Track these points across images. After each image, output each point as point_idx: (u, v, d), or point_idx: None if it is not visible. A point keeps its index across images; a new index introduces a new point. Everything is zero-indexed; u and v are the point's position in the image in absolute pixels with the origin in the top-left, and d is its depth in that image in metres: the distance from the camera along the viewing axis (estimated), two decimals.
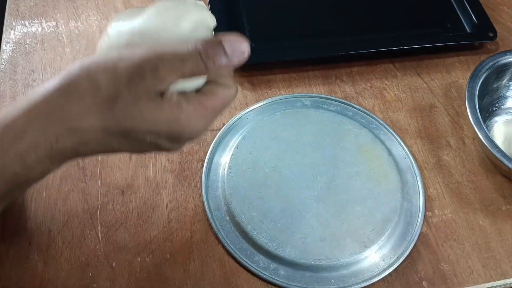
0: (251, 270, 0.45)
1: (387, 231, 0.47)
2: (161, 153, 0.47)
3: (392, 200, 0.49)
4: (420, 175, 0.51)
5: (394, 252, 0.46)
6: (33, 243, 0.45)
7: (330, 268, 0.45)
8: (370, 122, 0.55)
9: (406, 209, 0.49)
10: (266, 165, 0.50)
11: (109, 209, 0.47)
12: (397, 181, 0.50)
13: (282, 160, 0.51)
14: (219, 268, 0.45)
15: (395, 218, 0.48)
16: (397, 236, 0.47)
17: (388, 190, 0.49)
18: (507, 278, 0.46)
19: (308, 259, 0.45)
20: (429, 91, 0.59)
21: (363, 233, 0.47)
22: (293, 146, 0.52)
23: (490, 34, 0.62)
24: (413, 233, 0.47)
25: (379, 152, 0.52)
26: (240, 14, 0.63)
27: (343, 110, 0.56)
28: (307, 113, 0.55)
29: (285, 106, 0.56)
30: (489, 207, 0.50)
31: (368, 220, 0.47)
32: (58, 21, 0.63)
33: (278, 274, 0.45)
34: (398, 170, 0.51)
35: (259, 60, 0.59)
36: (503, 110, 0.57)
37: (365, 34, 0.63)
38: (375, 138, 0.53)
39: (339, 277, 0.45)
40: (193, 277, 0.44)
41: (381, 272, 0.45)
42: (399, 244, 0.47)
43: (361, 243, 0.46)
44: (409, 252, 0.46)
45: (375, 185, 0.50)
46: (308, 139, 0.52)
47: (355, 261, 0.45)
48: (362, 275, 0.45)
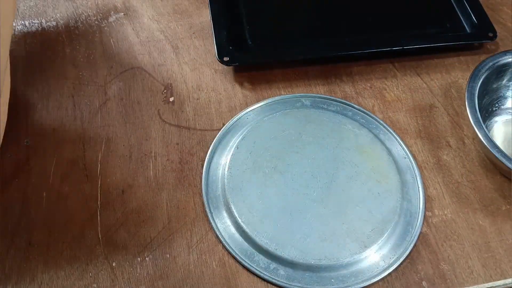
0: (251, 270, 0.45)
1: (387, 231, 0.47)
2: None
3: (392, 200, 0.49)
4: (420, 175, 0.51)
5: (394, 252, 0.46)
6: (33, 243, 0.45)
7: (330, 268, 0.45)
8: (370, 122, 0.55)
9: (405, 209, 0.49)
10: (266, 165, 0.50)
11: (109, 209, 0.48)
12: (397, 181, 0.50)
13: (282, 160, 0.51)
14: (219, 268, 0.45)
15: (395, 218, 0.48)
16: (397, 236, 0.47)
17: (388, 190, 0.49)
18: (507, 278, 0.46)
19: (308, 259, 0.45)
20: (428, 91, 0.59)
21: (363, 233, 0.47)
22: (293, 146, 0.52)
23: (490, 34, 0.62)
24: (413, 233, 0.48)
25: (379, 152, 0.52)
26: (240, 14, 0.63)
27: (342, 110, 0.56)
28: (307, 113, 0.55)
29: (285, 106, 0.56)
30: (489, 207, 0.50)
31: (368, 220, 0.47)
32: (58, 21, 0.63)
33: (278, 274, 0.45)
34: (398, 170, 0.51)
35: (259, 60, 0.60)
36: (503, 110, 0.57)
37: (365, 34, 0.63)
38: (375, 138, 0.53)
39: (339, 277, 0.45)
40: (193, 277, 0.44)
41: (381, 272, 0.45)
42: (399, 244, 0.47)
43: (361, 243, 0.46)
44: (409, 252, 0.46)
45: (375, 185, 0.50)
46: (308, 139, 0.53)
47: (355, 261, 0.45)
48: (362, 275, 0.45)
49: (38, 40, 0.61)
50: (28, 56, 0.59)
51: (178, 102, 0.56)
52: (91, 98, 0.56)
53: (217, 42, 0.58)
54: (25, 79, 0.57)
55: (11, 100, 0.50)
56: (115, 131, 0.53)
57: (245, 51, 0.59)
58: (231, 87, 0.58)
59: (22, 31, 0.62)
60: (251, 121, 0.54)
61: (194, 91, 0.57)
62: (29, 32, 0.61)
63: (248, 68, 0.59)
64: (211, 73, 0.59)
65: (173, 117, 0.55)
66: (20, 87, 0.56)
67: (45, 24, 0.63)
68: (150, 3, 0.66)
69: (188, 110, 0.55)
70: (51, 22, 0.63)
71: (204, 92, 0.57)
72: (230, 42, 0.58)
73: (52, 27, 0.62)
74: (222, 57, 0.57)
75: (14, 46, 0.60)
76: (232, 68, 0.59)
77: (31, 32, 0.61)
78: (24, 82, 0.56)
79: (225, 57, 0.57)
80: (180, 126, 0.54)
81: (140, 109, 0.55)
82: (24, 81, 0.56)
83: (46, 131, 0.53)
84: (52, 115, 0.54)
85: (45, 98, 0.55)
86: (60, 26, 0.62)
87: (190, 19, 0.64)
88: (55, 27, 0.62)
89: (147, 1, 0.66)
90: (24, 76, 0.57)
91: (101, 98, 0.56)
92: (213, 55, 0.59)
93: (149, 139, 0.53)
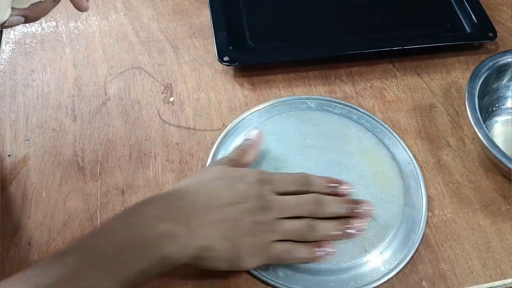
0: (250, 272, 0.44)
1: (388, 237, 0.46)
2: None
3: (394, 205, 0.48)
4: (423, 180, 0.51)
5: (395, 257, 0.46)
6: (32, 243, 0.45)
7: (329, 272, 0.44)
8: (375, 126, 0.55)
9: (408, 215, 0.48)
10: (268, 166, 0.50)
11: (109, 209, 0.47)
12: (401, 186, 0.49)
13: (284, 162, 0.50)
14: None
15: (396, 224, 0.47)
16: (399, 242, 0.47)
17: (390, 196, 0.49)
18: (507, 278, 0.46)
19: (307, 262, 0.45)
20: (429, 91, 0.59)
21: (364, 237, 0.46)
22: (296, 148, 0.51)
23: (490, 34, 0.62)
24: (415, 239, 0.47)
25: (383, 157, 0.51)
26: (240, 14, 0.63)
27: (347, 113, 0.55)
28: (311, 115, 0.54)
29: (290, 108, 0.56)
30: (489, 207, 0.50)
31: (369, 225, 0.46)
32: (58, 21, 0.63)
33: (277, 276, 0.44)
34: (402, 176, 0.50)
35: (259, 60, 0.59)
36: (503, 110, 0.57)
37: (365, 34, 0.63)
38: (379, 142, 0.53)
39: (338, 281, 0.44)
40: (193, 277, 0.44)
41: (381, 278, 0.44)
42: (400, 250, 0.46)
43: (361, 247, 0.46)
44: (410, 258, 0.46)
45: (378, 190, 0.49)
46: (312, 141, 0.52)
47: (354, 265, 0.45)
48: (361, 280, 0.44)
49: (38, 40, 0.61)
50: (28, 56, 0.59)
51: (178, 102, 0.56)
52: (91, 98, 0.56)
53: (217, 42, 0.58)
54: (25, 79, 0.57)
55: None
56: (115, 131, 0.53)
57: (245, 51, 0.59)
58: (231, 87, 0.58)
59: (22, 31, 0.62)
60: (255, 122, 0.54)
61: (194, 91, 0.57)
62: (29, 32, 0.61)
63: (248, 68, 0.59)
64: (211, 73, 0.59)
65: (173, 117, 0.55)
66: (20, 87, 0.56)
67: (45, 24, 0.63)
68: (150, 3, 0.66)
69: (188, 110, 0.55)
70: (51, 22, 0.63)
71: (204, 92, 0.57)
72: (230, 42, 0.58)
73: (52, 27, 0.62)
74: (222, 57, 0.57)
75: (14, 46, 0.60)
76: (232, 68, 0.59)
77: (31, 32, 0.61)
78: (24, 83, 0.56)
79: (225, 57, 0.57)
80: (180, 126, 0.54)
81: (140, 109, 0.55)
82: (24, 81, 0.56)
83: (46, 131, 0.53)
84: (52, 115, 0.54)
85: (45, 98, 0.55)
86: (60, 26, 0.62)
87: (190, 19, 0.64)
88: (55, 27, 0.62)
89: (147, 1, 0.66)
90: (24, 76, 0.57)
91: (101, 98, 0.56)
92: (213, 55, 0.59)
93: (149, 139, 0.53)
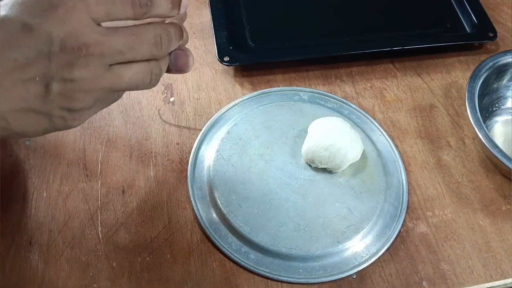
0: (223, 251, 0.45)
1: (363, 230, 0.47)
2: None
3: (373, 201, 0.49)
4: (407, 180, 0.51)
5: (367, 251, 0.46)
6: (33, 243, 0.45)
7: (300, 258, 0.45)
8: (365, 122, 0.55)
9: (386, 212, 0.49)
10: (254, 152, 0.51)
11: (110, 209, 0.47)
12: (382, 183, 0.50)
13: (269, 149, 0.51)
14: (219, 268, 0.45)
15: (373, 219, 0.48)
16: (373, 237, 0.47)
17: (370, 190, 0.49)
18: (507, 278, 0.46)
19: (280, 246, 0.45)
20: (429, 91, 0.59)
21: (338, 228, 0.47)
22: (283, 136, 0.52)
23: (490, 34, 0.62)
24: (389, 235, 0.47)
25: (368, 153, 0.52)
26: (240, 14, 0.63)
27: (339, 108, 0.56)
28: (302, 107, 0.55)
29: (282, 97, 0.56)
30: (489, 207, 0.50)
31: (345, 217, 0.47)
32: None
33: (248, 258, 0.45)
34: (385, 173, 0.51)
35: (259, 60, 0.59)
36: (503, 110, 0.57)
37: (365, 34, 0.63)
38: (366, 138, 0.53)
39: (308, 268, 0.45)
40: (193, 277, 0.44)
41: (351, 269, 0.45)
42: (373, 245, 0.47)
43: (334, 238, 0.46)
44: (381, 254, 0.46)
45: (359, 184, 0.50)
46: (299, 132, 0.53)
47: (326, 254, 0.46)
48: (330, 269, 0.45)
49: None
50: None
51: (178, 102, 0.56)
52: None
53: (217, 42, 0.58)
54: None
55: None
56: (115, 131, 0.53)
57: (245, 51, 0.59)
58: (231, 87, 0.58)
59: None
60: (246, 108, 0.55)
61: (194, 91, 0.57)
62: None
63: (248, 68, 0.59)
64: (211, 73, 0.59)
65: (173, 117, 0.55)
66: None
67: None
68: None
69: (189, 110, 0.55)
70: None
71: (204, 92, 0.57)
72: (230, 42, 0.58)
73: None
74: (222, 57, 0.57)
75: None
76: (232, 68, 0.59)
77: None
78: None
79: (225, 57, 0.57)
80: (180, 126, 0.54)
81: (141, 109, 0.55)
82: None
83: None
84: None
85: None
86: None
87: (190, 19, 0.64)
88: None
89: None
90: None
91: None
92: (213, 55, 0.59)
93: (149, 139, 0.53)
